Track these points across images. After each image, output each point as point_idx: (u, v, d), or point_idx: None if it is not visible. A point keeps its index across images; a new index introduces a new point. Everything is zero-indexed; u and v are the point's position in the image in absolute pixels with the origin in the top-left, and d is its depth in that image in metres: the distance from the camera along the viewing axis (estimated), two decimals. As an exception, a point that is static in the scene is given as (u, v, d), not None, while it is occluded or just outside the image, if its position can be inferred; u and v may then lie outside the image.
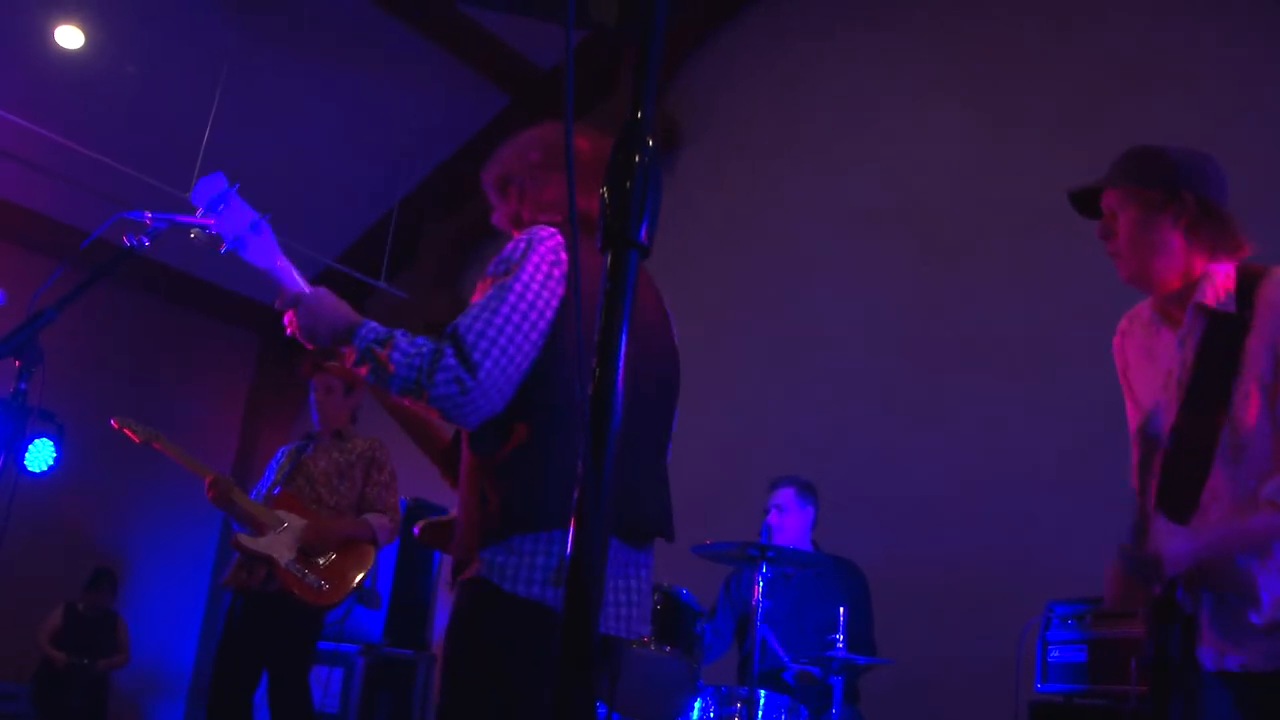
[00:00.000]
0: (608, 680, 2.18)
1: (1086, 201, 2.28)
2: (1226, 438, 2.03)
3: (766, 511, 4.39)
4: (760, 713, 3.42)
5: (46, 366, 2.31)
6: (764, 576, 3.56)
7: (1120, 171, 2.20)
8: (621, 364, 0.84)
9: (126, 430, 4.26)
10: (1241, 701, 2.00)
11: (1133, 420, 2.28)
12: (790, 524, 4.36)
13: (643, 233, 0.90)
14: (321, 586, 4.16)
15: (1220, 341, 2.07)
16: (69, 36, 6.54)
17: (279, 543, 4.18)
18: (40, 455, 6.71)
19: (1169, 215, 2.12)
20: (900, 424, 5.36)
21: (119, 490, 8.12)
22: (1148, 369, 2.25)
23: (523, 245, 1.95)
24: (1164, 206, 2.12)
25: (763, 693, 3.46)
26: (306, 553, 4.17)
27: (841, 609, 3.76)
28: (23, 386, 2.17)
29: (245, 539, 4.17)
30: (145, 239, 2.38)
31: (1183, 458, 2.07)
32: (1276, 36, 4.86)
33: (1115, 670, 3.25)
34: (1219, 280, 2.11)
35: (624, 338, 0.84)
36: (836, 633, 3.69)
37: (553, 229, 2.01)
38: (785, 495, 4.40)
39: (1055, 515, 4.59)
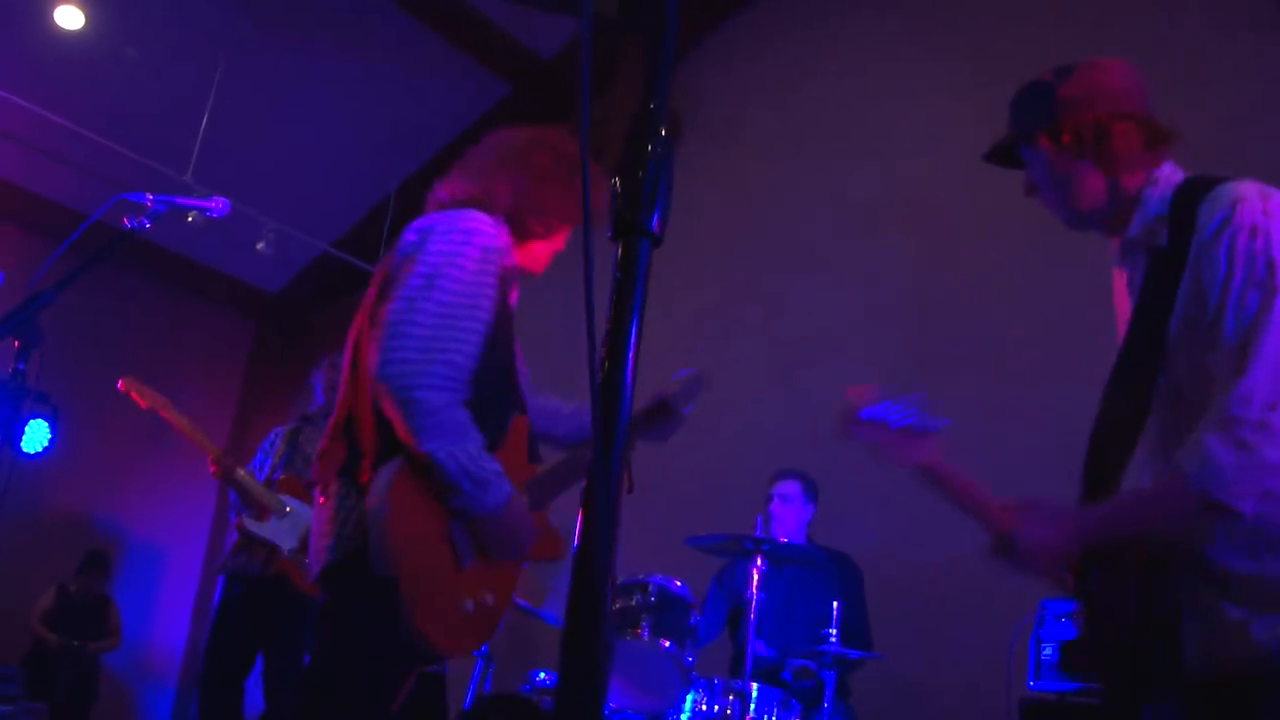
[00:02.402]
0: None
1: (1010, 157, 2.04)
2: (1160, 396, 1.75)
3: (769, 499, 4.38)
4: (753, 706, 3.42)
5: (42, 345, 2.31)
6: (760, 570, 3.56)
7: (1012, 121, 1.99)
8: (633, 354, 0.83)
9: (133, 394, 4.22)
10: (1237, 710, 1.69)
11: None
12: (790, 516, 4.35)
13: (654, 222, 0.90)
14: None
15: (1158, 280, 1.77)
16: (69, 17, 6.51)
17: (282, 529, 4.17)
18: (35, 436, 6.69)
19: (1067, 152, 1.88)
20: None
21: (112, 473, 8.11)
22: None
23: None
24: (1058, 144, 1.88)
25: (755, 686, 3.46)
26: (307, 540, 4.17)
27: (835, 603, 3.76)
28: (21, 367, 2.17)
29: (249, 523, 4.16)
30: (146, 221, 2.37)
31: (1109, 423, 1.83)
32: (1280, 35, 4.85)
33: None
34: (1151, 206, 1.83)
35: (635, 328, 0.84)
36: (829, 626, 3.69)
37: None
38: (791, 487, 4.39)
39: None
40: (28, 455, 6.64)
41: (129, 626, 7.60)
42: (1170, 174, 1.86)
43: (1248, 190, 1.71)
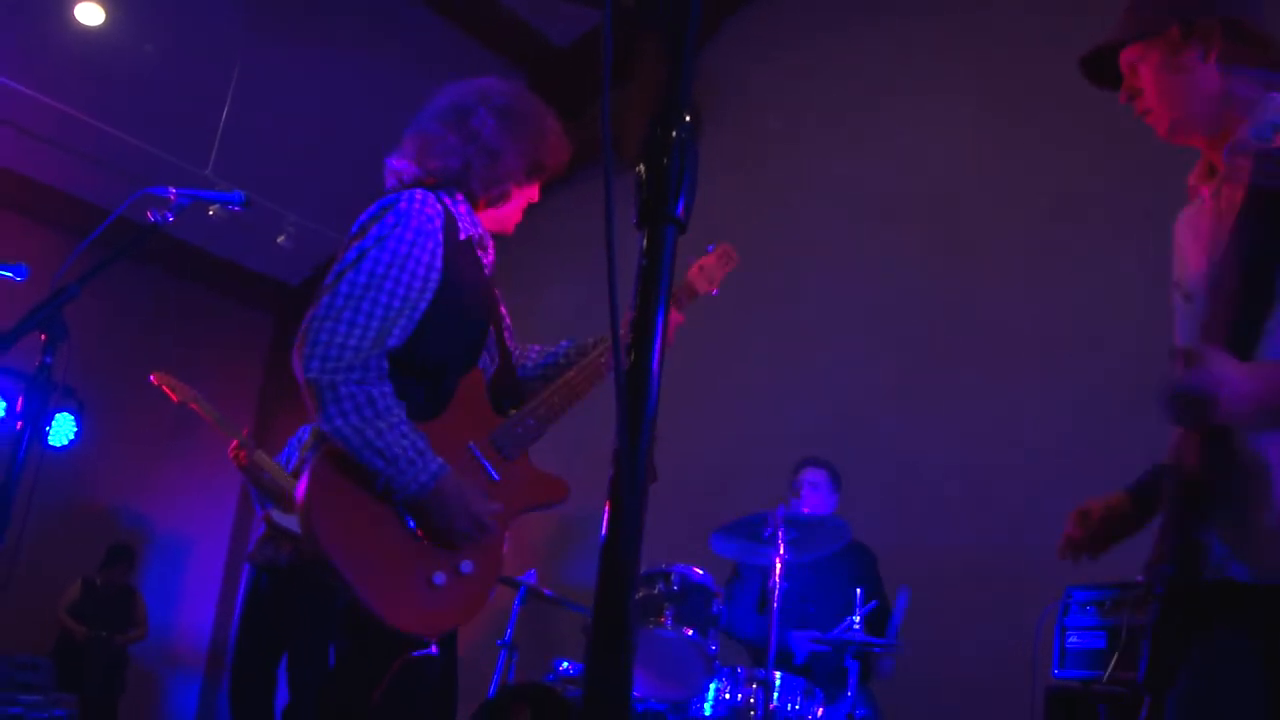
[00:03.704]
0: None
1: (1102, 71, 1.98)
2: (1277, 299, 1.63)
3: (798, 486, 4.36)
4: (776, 695, 3.42)
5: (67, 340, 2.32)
6: (782, 558, 3.56)
7: (1128, 22, 1.91)
8: (659, 341, 0.83)
9: (165, 387, 4.26)
10: (1246, 619, 1.63)
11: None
12: (819, 504, 4.35)
13: (679, 208, 0.90)
14: None
15: (1273, 184, 1.66)
16: (89, 13, 6.54)
17: None
18: (61, 430, 6.75)
19: (1194, 50, 1.80)
20: (912, 414, 5.34)
21: (136, 466, 8.18)
22: (1193, 245, 1.87)
23: None
24: (1186, 41, 1.80)
25: (778, 674, 3.46)
26: None
27: (858, 590, 3.75)
28: (48, 361, 2.18)
29: (276, 515, 4.19)
30: (170, 214, 2.38)
31: (1224, 329, 1.66)
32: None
33: (1135, 656, 3.23)
34: (1267, 117, 1.71)
35: (661, 315, 0.84)
36: (852, 614, 3.69)
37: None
38: (820, 475, 4.38)
39: (1069, 502, 4.57)
40: (53, 449, 6.71)
41: (155, 618, 7.67)
42: None
43: None
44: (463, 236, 2.21)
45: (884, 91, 6.10)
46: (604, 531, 0.79)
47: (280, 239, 7.13)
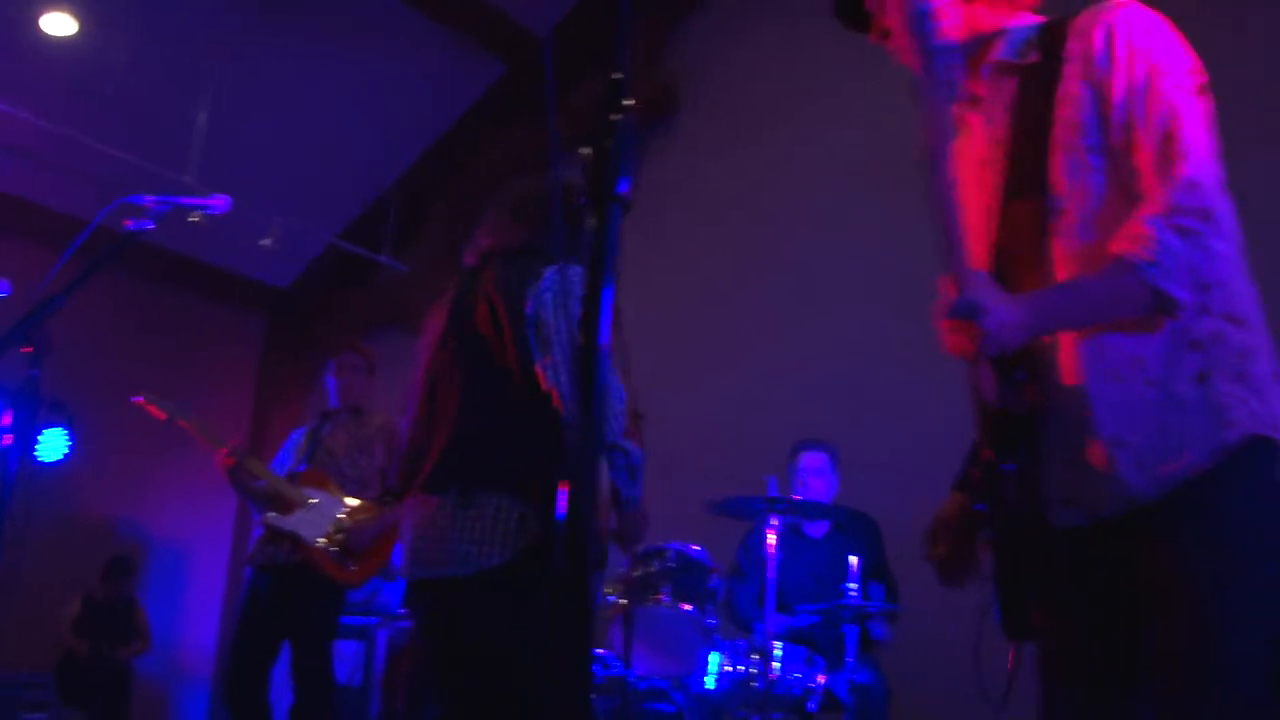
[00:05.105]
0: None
1: (859, 19, 1.97)
2: (1053, 210, 1.64)
3: (800, 473, 4.34)
4: (778, 665, 3.46)
5: (54, 355, 2.33)
6: (777, 530, 3.59)
7: None
8: (607, 317, 0.86)
9: (150, 407, 4.25)
10: (1101, 562, 1.64)
11: None
12: (822, 489, 4.35)
13: (623, 186, 0.92)
14: (350, 567, 4.21)
15: (1034, 96, 1.68)
16: (59, 24, 6.52)
17: (307, 520, 4.21)
18: (53, 445, 6.75)
19: None
20: (912, 377, 5.35)
21: (132, 476, 8.17)
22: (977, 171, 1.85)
23: None
24: None
25: (779, 644, 3.50)
26: (340, 535, 4.19)
27: (855, 559, 3.78)
28: (34, 374, 2.19)
29: (273, 518, 4.20)
30: (149, 222, 2.40)
31: (1011, 248, 1.71)
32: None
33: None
34: (1018, 35, 1.75)
35: (609, 291, 0.87)
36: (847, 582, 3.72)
37: None
38: (820, 459, 4.38)
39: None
40: (47, 463, 6.71)
41: (159, 628, 7.67)
42: (1031, 15, 1.80)
43: (1125, 1, 1.68)
44: None
45: (876, 57, 6.07)
46: (562, 506, 0.82)
47: (265, 241, 7.11)
